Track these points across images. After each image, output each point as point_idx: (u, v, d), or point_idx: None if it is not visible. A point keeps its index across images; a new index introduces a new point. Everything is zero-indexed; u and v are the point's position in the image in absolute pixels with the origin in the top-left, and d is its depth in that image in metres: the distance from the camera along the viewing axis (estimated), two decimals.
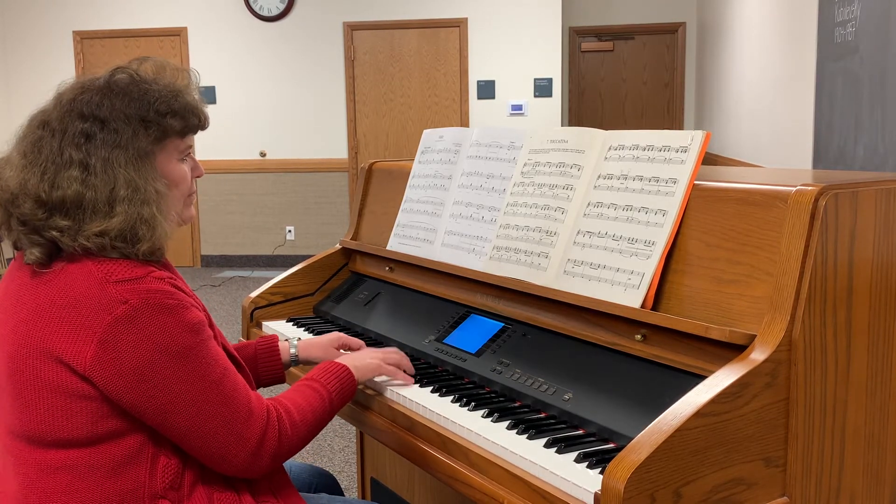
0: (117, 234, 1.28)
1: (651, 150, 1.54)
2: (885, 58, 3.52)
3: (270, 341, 1.77)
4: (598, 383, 1.47)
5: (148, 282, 1.27)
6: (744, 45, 6.37)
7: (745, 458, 1.21)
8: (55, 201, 1.28)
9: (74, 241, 1.27)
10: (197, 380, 1.28)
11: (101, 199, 1.28)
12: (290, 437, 1.38)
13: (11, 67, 8.07)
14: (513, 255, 1.75)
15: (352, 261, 2.37)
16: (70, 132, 1.31)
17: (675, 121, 8.72)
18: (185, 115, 1.39)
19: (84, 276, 1.27)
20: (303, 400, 1.45)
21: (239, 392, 1.33)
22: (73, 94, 1.35)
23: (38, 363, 1.26)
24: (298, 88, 7.86)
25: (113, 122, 1.32)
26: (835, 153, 4.15)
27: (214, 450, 1.31)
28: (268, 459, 1.35)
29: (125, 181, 1.30)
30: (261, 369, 1.74)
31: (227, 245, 8.12)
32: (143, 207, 1.30)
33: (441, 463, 1.47)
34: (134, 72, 1.38)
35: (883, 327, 1.36)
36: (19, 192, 1.29)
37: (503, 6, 7.59)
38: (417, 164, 2.18)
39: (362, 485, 2.56)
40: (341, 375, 1.54)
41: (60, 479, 1.27)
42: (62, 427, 1.26)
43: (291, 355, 1.77)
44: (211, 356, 1.31)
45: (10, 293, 1.35)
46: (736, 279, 1.35)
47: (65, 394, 1.26)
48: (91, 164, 1.29)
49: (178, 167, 1.41)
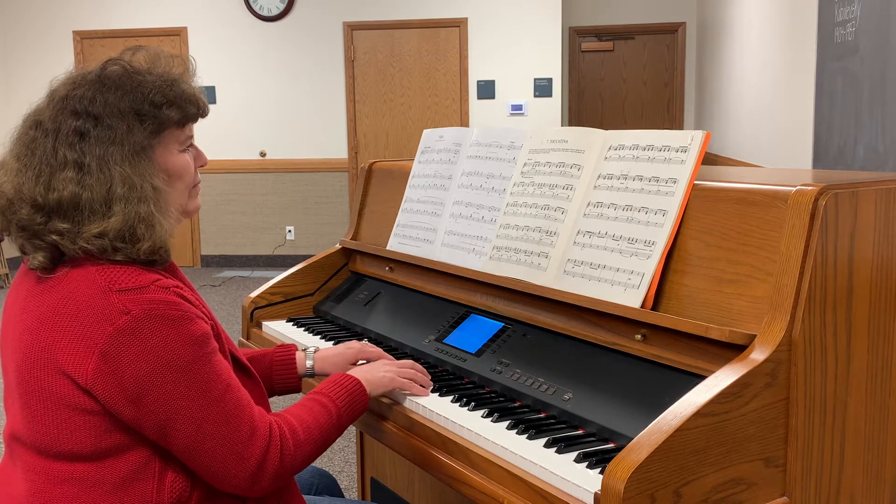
0: (116, 235, 1.24)
1: (651, 149, 1.54)
2: (885, 58, 3.52)
3: (287, 351, 1.72)
4: (598, 383, 1.47)
5: (152, 291, 1.23)
6: (744, 45, 6.37)
7: (745, 458, 1.21)
8: (52, 204, 1.24)
9: (75, 243, 1.24)
10: (198, 396, 1.23)
11: (97, 199, 1.25)
12: (292, 458, 1.33)
13: (11, 67, 8.07)
14: (513, 255, 1.75)
15: (352, 261, 2.37)
16: (63, 131, 1.26)
17: (675, 121, 8.72)
18: (182, 104, 1.34)
19: (87, 283, 1.23)
20: (309, 416, 1.39)
21: (242, 410, 1.28)
22: (66, 91, 1.31)
23: (42, 374, 1.24)
24: (298, 88, 7.86)
25: (107, 118, 1.27)
26: (835, 153, 4.15)
27: (213, 468, 1.27)
28: (268, 480, 1.30)
29: (121, 179, 1.26)
30: (276, 380, 1.70)
31: (227, 245, 8.12)
32: (139, 206, 1.26)
33: (441, 463, 1.47)
34: (127, 63, 1.34)
35: (883, 327, 1.36)
36: (15, 198, 1.26)
37: (503, 6, 7.59)
38: (417, 164, 2.18)
39: (362, 485, 2.56)
40: (352, 389, 1.48)
41: (67, 491, 1.25)
42: (66, 441, 1.24)
43: (308, 368, 1.72)
44: (214, 371, 1.26)
45: (17, 300, 1.32)
46: (736, 279, 1.35)
47: (69, 407, 1.23)
48: (86, 163, 1.25)
49: (179, 158, 1.36)
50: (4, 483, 1.35)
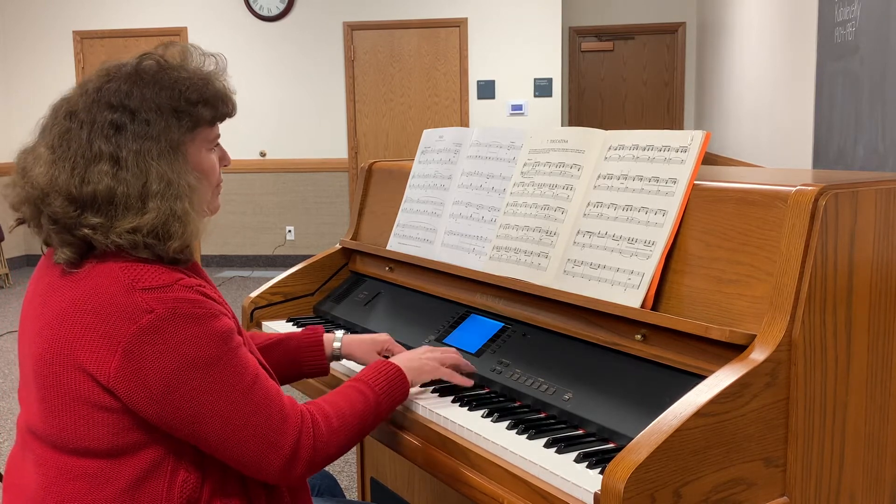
0: (150, 231, 1.23)
1: (651, 150, 1.54)
2: (885, 58, 3.52)
3: (315, 333, 1.72)
4: (598, 383, 1.47)
5: (176, 290, 1.22)
6: (744, 45, 6.37)
7: (745, 458, 1.21)
8: (86, 197, 1.23)
9: (107, 237, 1.23)
10: (226, 390, 1.23)
11: (133, 194, 1.24)
12: (326, 444, 1.33)
13: (11, 67, 8.07)
14: (513, 255, 1.75)
15: (352, 261, 2.37)
16: (99, 123, 1.25)
17: (675, 121, 8.72)
18: (216, 103, 1.34)
19: (111, 280, 1.23)
20: (345, 403, 1.39)
21: (271, 399, 1.28)
22: (100, 83, 1.29)
23: (61, 371, 1.23)
24: (298, 88, 7.86)
25: (144, 112, 1.26)
26: (835, 153, 4.15)
27: (248, 459, 1.27)
28: (303, 467, 1.30)
29: (158, 175, 1.25)
30: (304, 362, 1.70)
31: (227, 245, 8.12)
32: (175, 203, 1.26)
33: (441, 463, 1.47)
34: (161, 57, 1.33)
35: (883, 327, 1.36)
36: (49, 189, 1.24)
37: (503, 6, 7.59)
38: (417, 164, 2.18)
39: (362, 485, 2.56)
40: (391, 376, 1.47)
41: (79, 487, 1.25)
42: (83, 437, 1.24)
43: (335, 349, 1.72)
44: (241, 364, 1.26)
45: (38, 293, 1.31)
46: (736, 279, 1.35)
47: (87, 404, 1.23)
48: (122, 157, 1.24)
49: (207, 157, 1.36)
50: (15, 473, 1.35)
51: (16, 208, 1.31)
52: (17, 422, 1.37)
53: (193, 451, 1.29)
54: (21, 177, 1.29)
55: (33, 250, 8.24)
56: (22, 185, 1.28)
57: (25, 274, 7.82)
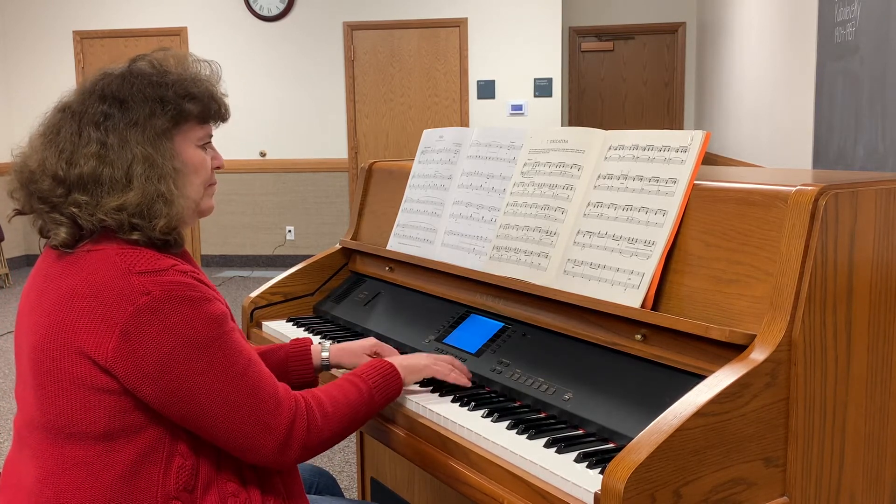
0: (135, 210, 1.28)
1: (651, 150, 1.54)
2: (885, 58, 3.52)
3: (303, 344, 1.74)
4: (598, 383, 1.47)
5: (171, 274, 1.27)
6: (744, 45, 6.37)
7: (745, 458, 1.21)
8: (73, 178, 1.29)
9: (93, 216, 1.28)
10: (221, 371, 1.27)
11: (118, 174, 1.29)
12: (320, 429, 1.37)
13: (11, 67, 8.07)
14: (513, 255, 1.75)
15: (352, 261, 2.37)
16: (90, 113, 1.32)
17: (675, 121, 8.72)
18: (204, 100, 1.39)
19: (107, 265, 1.27)
20: (338, 392, 1.44)
21: (265, 382, 1.32)
22: (94, 81, 1.37)
23: (59, 356, 1.26)
24: (298, 88, 7.86)
25: (131, 101, 1.32)
26: (835, 153, 4.14)
27: (242, 441, 1.30)
28: (297, 450, 1.34)
29: (142, 157, 1.30)
30: (292, 373, 1.71)
31: (227, 245, 8.12)
32: (160, 183, 1.31)
33: (441, 463, 1.47)
34: (154, 59, 1.40)
35: (883, 327, 1.36)
36: (38, 171, 1.31)
37: (503, 6, 7.59)
38: (417, 164, 2.18)
39: (362, 485, 2.56)
40: (385, 372, 1.52)
41: (75, 477, 1.27)
42: (80, 420, 1.26)
43: (323, 359, 1.74)
44: (235, 347, 1.30)
45: (35, 285, 1.36)
46: (736, 279, 1.35)
47: (84, 387, 1.26)
48: (109, 142, 1.30)
49: (196, 153, 1.40)
50: (13, 476, 1.36)
51: (14, 197, 1.37)
52: (14, 423, 1.38)
53: (189, 438, 1.32)
54: (18, 166, 1.36)
55: (33, 250, 8.24)
56: (19, 171, 1.35)
57: (25, 274, 7.82)
